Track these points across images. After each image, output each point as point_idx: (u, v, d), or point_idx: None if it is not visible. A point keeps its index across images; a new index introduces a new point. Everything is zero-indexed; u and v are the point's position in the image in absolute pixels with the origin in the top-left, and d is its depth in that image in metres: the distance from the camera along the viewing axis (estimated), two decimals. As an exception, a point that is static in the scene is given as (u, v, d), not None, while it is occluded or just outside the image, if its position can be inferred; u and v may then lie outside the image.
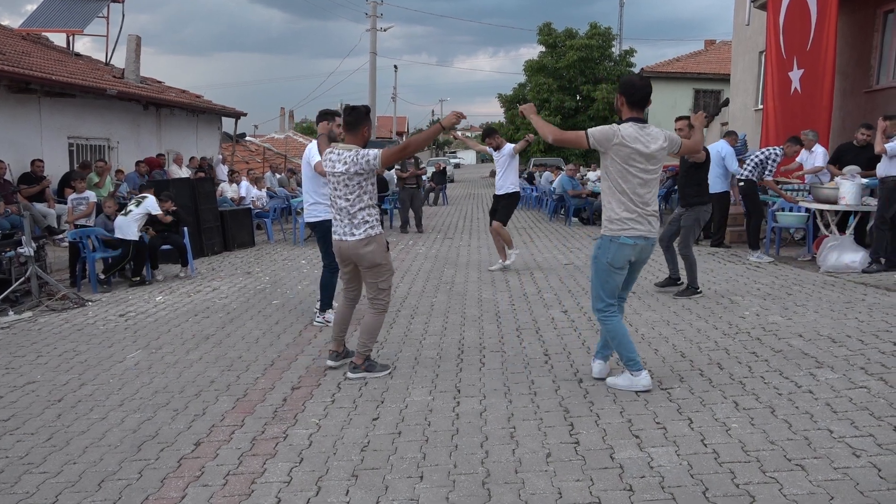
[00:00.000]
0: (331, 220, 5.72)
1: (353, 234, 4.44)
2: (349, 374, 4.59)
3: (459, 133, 9.09)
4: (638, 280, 7.50)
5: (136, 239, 8.17)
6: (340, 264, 4.73)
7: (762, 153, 9.18)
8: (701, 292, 6.89)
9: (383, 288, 4.56)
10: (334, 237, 4.60)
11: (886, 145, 7.49)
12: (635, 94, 4.13)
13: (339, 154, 4.46)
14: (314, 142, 5.84)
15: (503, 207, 8.77)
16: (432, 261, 9.66)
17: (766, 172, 9.09)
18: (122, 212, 8.32)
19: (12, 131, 11.61)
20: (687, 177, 7.04)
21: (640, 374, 4.20)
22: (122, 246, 8.10)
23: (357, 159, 4.37)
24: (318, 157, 5.64)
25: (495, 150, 8.78)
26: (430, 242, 11.89)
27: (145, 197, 8.43)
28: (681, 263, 7.05)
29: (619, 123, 4.15)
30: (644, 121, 4.18)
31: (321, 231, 5.87)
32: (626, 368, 4.25)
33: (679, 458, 3.25)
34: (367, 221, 4.44)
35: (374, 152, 4.40)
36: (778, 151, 9.13)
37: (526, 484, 3.06)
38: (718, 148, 9.32)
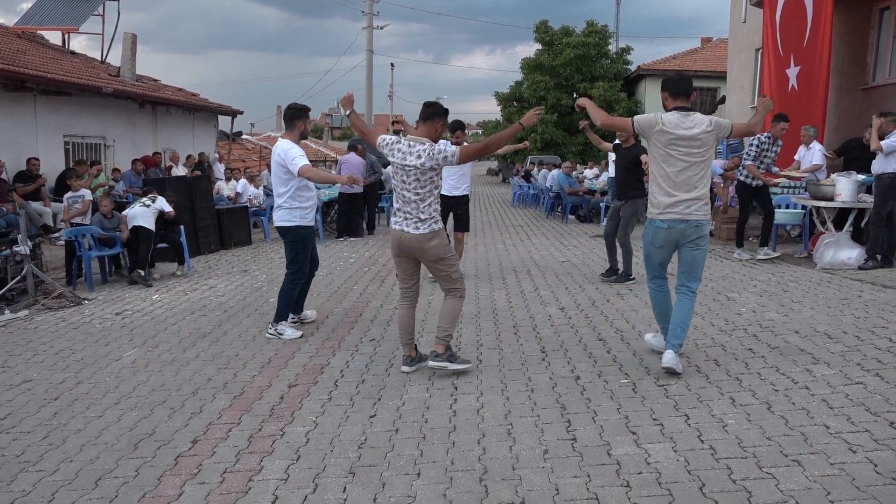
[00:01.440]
0: (304, 227, 5.53)
1: (418, 229, 4.38)
2: (430, 363, 4.52)
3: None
4: (637, 277, 7.56)
5: (154, 230, 8.28)
6: (397, 258, 4.62)
7: (749, 147, 8.81)
8: (634, 279, 7.48)
9: (455, 277, 4.53)
10: (394, 228, 4.49)
11: (882, 143, 7.50)
12: (674, 87, 4.46)
13: (409, 146, 4.36)
14: (287, 141, 5.45)
15: (463, 213, 7.90)
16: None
17: (760, 163, 8.55)
18: (139, 204, 8.43)
19: (7, 130, 11.59)
20: (626, 172, 7.50)
21: (656, 336, 4.87)
22: (138, 232, 8.16)
23: (433, 154, 4.30)
24: (302, 160, 5.30)
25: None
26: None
27: (156, 197, 8.54)
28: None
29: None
30: (689, 109, 4.40)
31: (293, 237, 5.56)
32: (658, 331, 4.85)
33: (676, 454, 3.26)
34: (433, 216, 4.40)
35: (452, 149, 4.34)
36: (763, 138, 8.58)
37: (523, 480, 3.06)
38: None
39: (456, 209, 7.82)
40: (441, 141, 4.59)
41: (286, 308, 5.66)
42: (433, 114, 4.47)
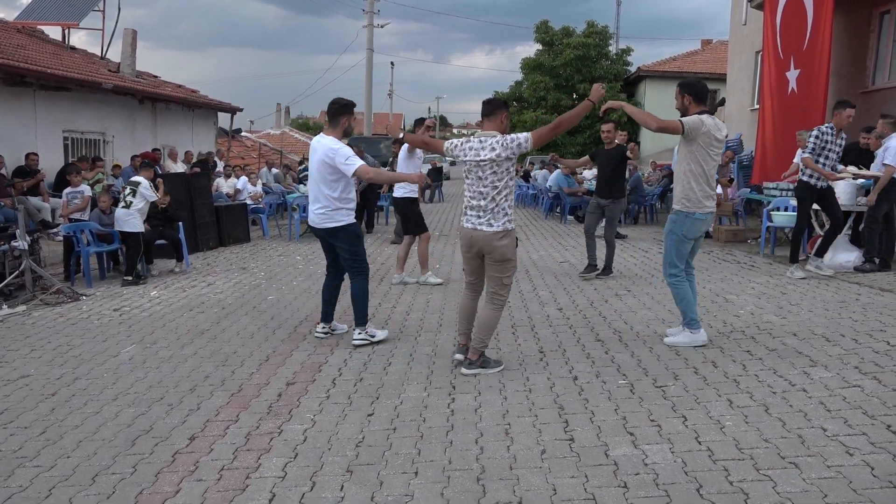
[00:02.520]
0: (354, 224, 5.16)
1: (491, 225, 4.39)
2: (464, 371, 4.53)
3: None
4: (635, 278, 7.58)
5: (143, 231, 8.06)
6: (466, 254, 4.61)
7: (810, 141, 7.48)
8: (613, 274, 7.88)
9: (507, 284, 4.53)
10: (465, 226, 4.49)
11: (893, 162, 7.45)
12: (701, 92, 4.89)
13: (480, 141, 4.41)
14: (332, 138, 5.07)
15: (403, 217, 7.77)
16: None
17: (826, 158, 7.41)
18: (121, 204, 8.15)
19: (7, 125, 11.57)
20: (613, 171, 7.81)
21: (698, 331, 5.02)
22: (126, 239, 8.02)
23: (507, 143, 4.34)
24: (357, 161, 4.97)
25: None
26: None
27: (138, 183, 8.14)
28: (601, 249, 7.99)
29: (683, 117, 4.87)
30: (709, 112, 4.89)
31: (347, 234, 5.13)
32: (685, 327, 5.06)
33: (673, 456, 3.26)
34: (507, 214, 4.41)
35: (524, 135, 4.37)
36: (823, 128, 7.46)
37: (521, 480, 3.07)
38: None
39: (409, 213, 7.64)
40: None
41: (366, 306, 5.25)
42: (495, 108, 4.51)
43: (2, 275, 7.09)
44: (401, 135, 4.57)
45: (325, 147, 5.05)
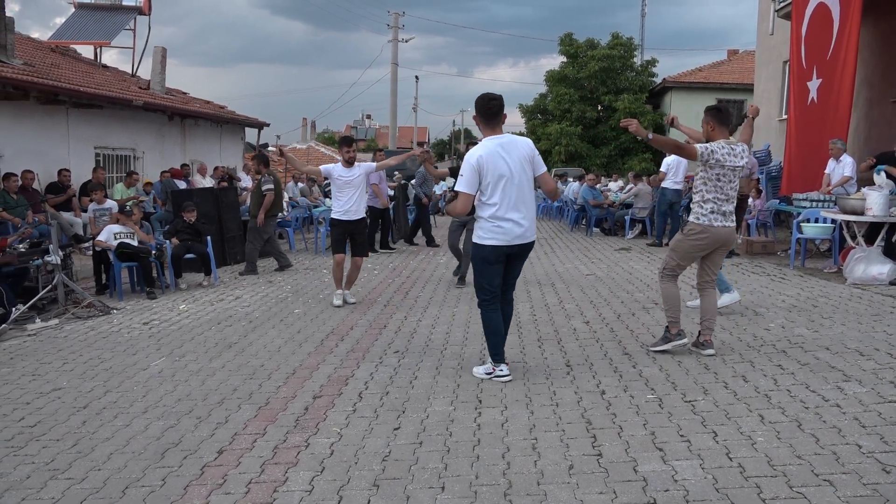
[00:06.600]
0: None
1: (732, 221, 5.01)
2: (707, 352, 5.03)
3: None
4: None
5: (107, 248, 8.13)
6: (704, 250, 5.05)
7: None
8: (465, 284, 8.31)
9: None
10: (716, 224, 4.91)
11: None
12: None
13: (732, 148, 4.87)
14: (512, 135, 4.63)
15: (362, 234, 7.69)
16: (453, 270, 9.64)
17: None
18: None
19: (40, 141, 11.82)
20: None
21: (733, 291, 6.33)
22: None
23: (746, 155, 4.94)
24: (541, 167, 4.60)
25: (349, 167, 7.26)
26: (450, 253, 11.85)
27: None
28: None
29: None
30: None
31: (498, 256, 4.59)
32: (722, 292, 6.16)
33: (704, 472, 3.21)
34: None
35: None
36: None
37: (548, 496, 3.04)
38: None
39: (358, 232, 7.50)
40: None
41: (502, 341, 4.71)
42: (730, 116, 5.17)
43: (35, 289, 7.24)
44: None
45: (525, 142, 4.59)
